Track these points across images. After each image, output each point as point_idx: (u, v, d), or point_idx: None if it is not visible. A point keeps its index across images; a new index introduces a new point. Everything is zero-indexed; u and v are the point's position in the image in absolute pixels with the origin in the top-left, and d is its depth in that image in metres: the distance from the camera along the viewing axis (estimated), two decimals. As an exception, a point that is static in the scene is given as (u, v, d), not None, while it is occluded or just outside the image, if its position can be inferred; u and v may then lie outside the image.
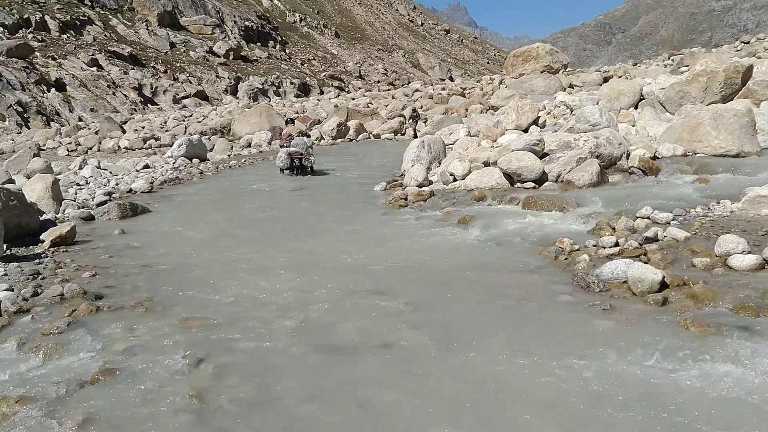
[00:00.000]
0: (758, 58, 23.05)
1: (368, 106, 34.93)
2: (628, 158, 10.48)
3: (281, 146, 16.31)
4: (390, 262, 6.91)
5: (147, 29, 60.05)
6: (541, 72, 31.31)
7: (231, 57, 62.44)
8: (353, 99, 41.50)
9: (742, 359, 4.00)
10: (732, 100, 13.08)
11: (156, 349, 4.51)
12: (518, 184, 10.39)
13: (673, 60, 35.18)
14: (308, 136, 16.66)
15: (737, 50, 37.01)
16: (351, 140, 27.07)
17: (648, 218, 7.25)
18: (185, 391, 3.89)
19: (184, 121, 34.40)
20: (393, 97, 38.82)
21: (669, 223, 6.99)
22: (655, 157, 10.75)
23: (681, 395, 3.64)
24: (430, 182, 11.78)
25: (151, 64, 53.21)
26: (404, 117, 29.84)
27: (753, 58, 22.32)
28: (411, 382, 3.99)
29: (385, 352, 4.44)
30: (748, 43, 41.38)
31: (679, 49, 47.83)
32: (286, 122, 19.37)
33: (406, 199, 10.67)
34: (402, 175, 13.03)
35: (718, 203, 7.67)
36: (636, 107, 15.50)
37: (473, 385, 3.91)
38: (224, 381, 4.04)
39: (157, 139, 27.46)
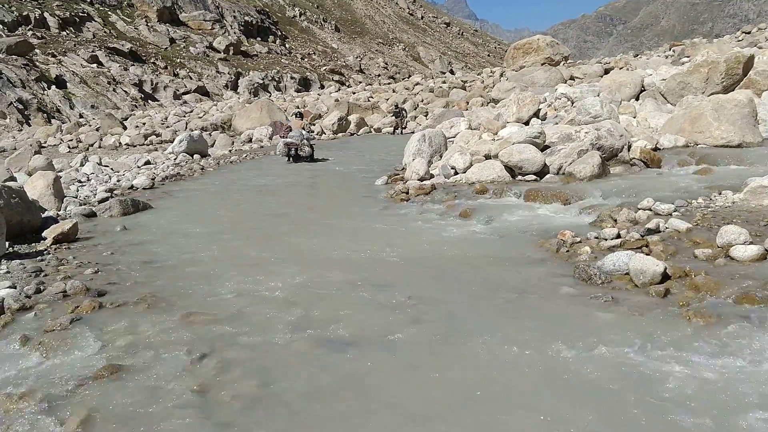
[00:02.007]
0: (760, 48, 22.97)
1: (369, 100, 34.89)
2: (629, 150, 10.47)
3: (281, 137, 18.37)
4: (392, 255, 6.91)
5: (146, 25, 59.94)
6: (542, 64, 31.20)
7: (231, 52, 62.32)
8: (354, 93, 41.43)
9: (745, 350, 4.00)
10: (733, 90, 13.04)
11: (159, 345, 4.52)
12: (519, 177, 10.38)
13: (674, 51, 35.03)
14: (305, 129, 18.48)
15: (738, 40, 36.84)
16: (352, 134, 27.05)
17: (650, 210, 7.24)
18: (189, 386, 3.90)
19: (184, 116, 34.38)
20: (394, 91, 38.73)
21: (671, 215, 6.99)
22: (656, 149, 10.73)
23: (684, 386, 3.64)
24: (432, 176, 11.76)
25: (151, 60, 53.15)
26: (405, 110, 29.77)
27: (754, 48, 22.22)
28: (414, 376, 3.99)
29: (388, 346, 4.44)
30: (749, 33, 41.17)
31: (680, 40, 47.69)
32: (295, 116, 20.78)
33: (407, 192, 10.67)
34: (403, 168, 13.02)
35: (720, 194, 7.66)
36: (637, 99, 15.48)
37: (477, 379, 3.91)
38: (227, 376, 4.04)
39: (158, 135, 27.46)
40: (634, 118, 12.96)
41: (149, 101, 46.66)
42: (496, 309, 5.08)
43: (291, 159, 17.13)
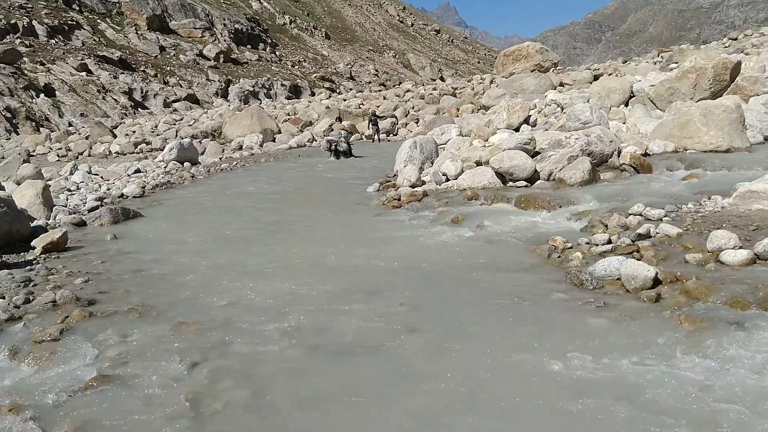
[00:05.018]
0: (746, 54, 23.22)
1: (360, 107, 34.92)
2: (619, 155, 10.51)
3: (323, 136, 22.09)
4: (384, 262, 6.90)
5: (136, 33, 59.75)
6: (532, 71, 31.37)
7: (221, 60, 62.22)
8: (345, 100, 41.46)
9: (734, 354, 4.01)
10: (721, 96, 13.15)
11: (150, 355, 4.49)
12: (510, 183, 10.41)
13: (662, 57, 35.34)
14: (347, 131, 22.20)
15: (725, 47, 37.25)
16: (343, 141, 27.02)
17: (640, 215, 7.27)
18: (180, 396, 3.87)
19: (175, 124, 34.28)
20: (384, 98, 38.79)
21: (661, 220, 7.02)
22: (646, 154, 10.79)
23: (675, 391, 3.65)
24: (423, 182, 11.77)
25: (141, 68, 52.97)
26: (396, 118, 29.86)
27: (741, 54, 22.44)
28: (407, 383, 3.98)
29: (381, 354, 4.43)
30: (736, 39, 41.66)
31: (668, 46, 47.99)
32: (337, 120, 26.41)
33: (399, 199, 10.67)
34: (395, 175, 13.02)
35: (710, 199, 7.70)
36: (626, 104, 15.56)
37: (470, 386, 3.91)
38: (219, 385, 4.02)
39: (148, 143, 27.39)
40: (624, 123, 13.03)
41: (139, 109, 46.49)
42: (489, 315, 5.08)
43: (332, 154, 19.58)
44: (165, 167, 18.48)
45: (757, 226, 6.29)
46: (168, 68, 55.78)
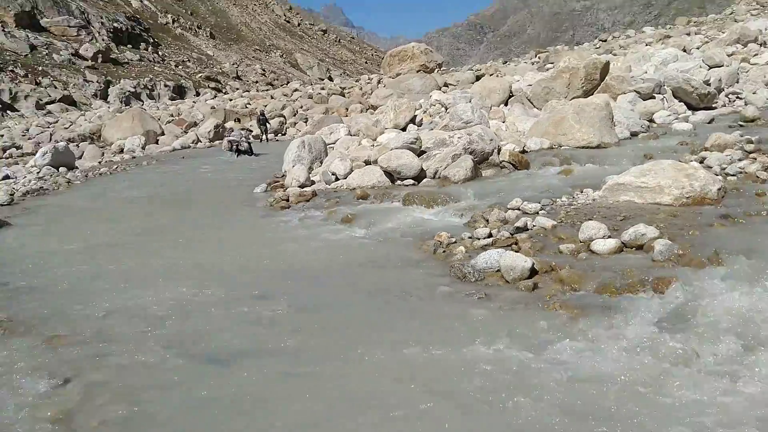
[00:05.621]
0: (614, 55, 24.77)
1: (246, 107, 34.31)
2: (499, 153, 10.90)
3: (224, 136, 22.75)
4: (272, 265, 6.82)
5: (3, 30, 55.76)
6: (417, 71, 31.90)
7: (99, 60, 59.16)
8: (231, 100, 40.59)
9: (605, 338, 4.26)
10: (593, 94, 13.94)
11: (17, 372, 4.19)
12: (398, 182, 10.56)
13: (539, 58, 37.02)
14: (248, 131, 23.53)
15: (596, 48, 39.50)
16: (230, 142, 26.44)
17: (518, 209, 7.57)
18: (50, 415, 3.64)
19: (49, 127, 32.31)
20: (272, 98, 38.31)
21: (537, 213, 7.35)
22: (524, 151, 11.24)
23: (548, 375, 3.82)
24: (312, 182, 11.72)
25: (9, 68, 49.49)
26: (284, 117, 29.58)
27: (610, 55, 23.93)
28: (293, 388, 3.94)
29: (267, 358, 4.37)
30: (605, 41, 44.24)
31: (545, 47, 50.31)
32: (235, 120, 27.17)
33: (288, 200, 10.56)
34: (283, 175, 12.87)
35: (582, 192, 8.13)
36: (506, 104, 16.17)
37: (355, 387, 3.92)
38: (94, 401, 3.82)
39: (18, 147, 25.70)
40: (503, 122, 13.53)
41: (8, 112, 43.40)
42: (376, 313, 5.13)
43: (234, 153, 20.31)
44: (38, 173, 17.36)
45: (624, 216, 6.71)
46: (40, 68, 52.43)
